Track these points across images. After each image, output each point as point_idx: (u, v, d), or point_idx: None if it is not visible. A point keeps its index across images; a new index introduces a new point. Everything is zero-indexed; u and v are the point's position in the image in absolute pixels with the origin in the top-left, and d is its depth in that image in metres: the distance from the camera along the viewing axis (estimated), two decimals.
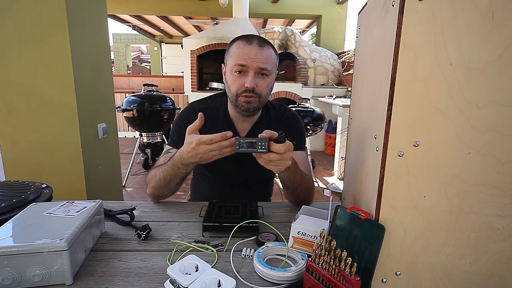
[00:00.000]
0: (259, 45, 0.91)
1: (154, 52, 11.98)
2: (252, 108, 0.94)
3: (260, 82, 0.92)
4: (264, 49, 0.91)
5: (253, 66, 0.89)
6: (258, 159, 0.73)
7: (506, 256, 0.53)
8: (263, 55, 0.90)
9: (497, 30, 0.46)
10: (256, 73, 0.91)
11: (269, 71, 0.92)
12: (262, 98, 0.94)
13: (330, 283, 0.54)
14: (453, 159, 0.50)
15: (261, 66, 0.90)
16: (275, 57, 0.95)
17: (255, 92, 0.91)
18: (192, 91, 5.25)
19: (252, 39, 0.92)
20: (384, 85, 0.52)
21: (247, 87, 0.90)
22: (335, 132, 4.16)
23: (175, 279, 0.57)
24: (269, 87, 0.95)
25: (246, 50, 0.90)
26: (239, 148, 0.70)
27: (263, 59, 0.90)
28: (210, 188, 1.12)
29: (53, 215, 0.68)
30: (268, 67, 0.91)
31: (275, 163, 0.72)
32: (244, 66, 0.90)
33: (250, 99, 0.92)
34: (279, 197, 2.86)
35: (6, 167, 1.49)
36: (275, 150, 0.70)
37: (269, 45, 0.94)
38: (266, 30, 5.60)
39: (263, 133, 0.71)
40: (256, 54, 0.89)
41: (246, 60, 0.89)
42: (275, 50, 0.96)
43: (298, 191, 0.91)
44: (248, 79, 0.90)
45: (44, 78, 1.40)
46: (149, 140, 3.36)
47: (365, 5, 0.69)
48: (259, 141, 0.69)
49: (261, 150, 0.69)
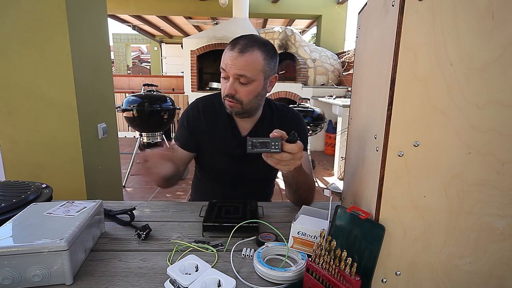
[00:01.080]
0: (240, 50, 0.86)
1: (154, 52, 11.98)
2: (235, 113, 0.94)
3: (241, 89, 0.89)
4: (245, 55, 0.86)
5: (231, 72, 0.88)
6: (267, 159, 0.71)
7: (506, 256, 0.53)
8: (242, 61, 0.86)
9: (497, 30, 0.46)
10: (236, 79, 0.88)
11: (249, 78, 0.87)
12: (245, 104, 0.92)
13: (330, 283, 0.54)
14: (453, 159, 0.50)
15: (238, 73, 0.86)
16: (261, 63, 0.88)
17: (235, 98, 0.90)
18: (192, 91, 5.25)
19: (236, 43, 0.88)
20: (384, 85, 0.52)
21: (225, 92, 0.90)
22: (335, 132, 4.16)
23: (175, 279, 0.57)
24: (252, 94, 0.91)
25: (227, 55, 0.88)
26: (252, 148, 0.68)
27: (241, 66, 0.86)
28: (210, 187, 1.12)
29: (53, 215, 0.68)
30: (247, 73, 0.87)
31: (286, 163, 0.70)
32: (224, 71, 0.89)
33: (231, 103, 0.92)
34: (279, 197, 2.86)
35: (6, 167, 1.49)
36: (288, 150, 0.68)
37: (255, 49, 0.87)
38: (266, 30, 5.60)
39: (274, 132, 0.69)
40: (234, 60, 0.86)
41: (226, 66, 0.88)
42: (268, 53, 0.90)
43: (300, 190, 0.91)
44: (227, 85, 0.89)
45: (44, 78, 1.40)
46: (149, 140, 3.36)
47: (365, 5, 0.69)
48: (272, 141, 0.67)
49: (275, 150, 0.68)
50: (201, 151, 1.07)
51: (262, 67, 0.90)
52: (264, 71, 0.91)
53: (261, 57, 0.89)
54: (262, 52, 0.89)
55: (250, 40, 0.89)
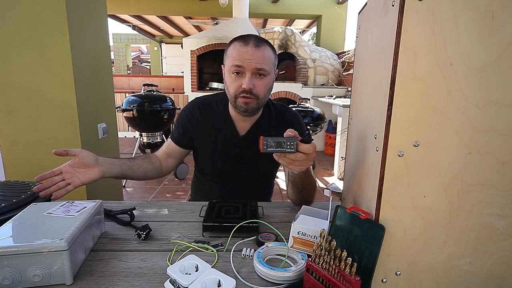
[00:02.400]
0: (256, 45, 0.90)
1: (154, 52, 11.98)
2: (251, 109, 0.94)
3: (258, 83, 0.91)
4: (261, 49, 0.90)
5: (249, 67, 0.89)
6: (279, 159, 0.69)
7: (506, 256, 0.53)
8: (260, 55, 0.89)
9: (497, 30, 0.46)
10: (253, 74, 0.90)
11: (267, 71, 0.91)
12: (261, 99, 0.94)
13: (330, 283, 0.54)
14: (453, 159, 0.50)
15: (257, 66, 0.89)
16: (273, 57, 0.94)
17: (253, 93, 0.91)
18: (192, 91, 5.24)
19: (248, 40, 0.91)
20: (384, 85, 0.52)
21: (244, 88, 0.90)
22: (335, 132, 4.16)
23: (175, 279, 0.57)
24: (267, 88, 0.94)
25: (243, 51, 0.89)
26: (266, 148, 0.66)
27: (260, 60, 0.89)
28: (210, 187, 1.12)
29: (53, 215, 0.68)
30: (265, 67, 0.90)
31: (300, 163, 0.69)
32: (241, 67, 0.90)
33: (248, 99, 0.92)
34: (279, 197, 2.86)
35: (6, 167, 1.49)
36: (303, 150, 0.67)
37: (266, 44, 0.93)
38: (266, 30, 5.60)
39: (288, 131, 0.68)
40: (252, 54, 0.89)
41: (243, 61, 0.89)
42: (274, 49, 0.96)
43: (305, 191, 0.92)
44: (245, 80, 0.90)
45: (44, 78, 1.40)
46: (149, 140, 3.36)
47: (365, 5, 0.69)
48: (288, 140, 0.66)
49: (290, 150, 0.66)
50: (199, 150, 1.08)
51: (274, 61, 0.95)
52: (275, 65, 0.96)
53: (271, 51, 0.94)
54: (271, 47, 0.94)
55: (257, 37, 0.94)
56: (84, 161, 0.84)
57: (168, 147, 1.09)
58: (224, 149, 1.03)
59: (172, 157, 1.09)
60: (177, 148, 1.07)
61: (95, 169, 0.86)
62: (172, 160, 1.09)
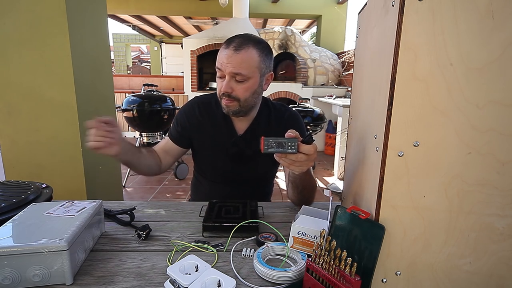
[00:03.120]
0: (235, 48, 0.87)
1: (154, 52, 11.98)
2: (232, 112, 0.94)
3: (237, 87, 0.90)
4: (240, 53, 0.87)
5: (226, 71, 0.88)
6: (280, 159, 0.69)
7: (506, 256, 0.53)
8: (237, 59, 0.86)
9: (497, 30, 0.46)
10: (232, 78, 0.89)
11: (244, 75, 0.88)
12: (243, 101, 0.92)
13: (330, 283, 0.54)
14: (453, 159, 0.50)
15: (234, 71, 0.87)
16: (256, 60, 0.89)
17: (232, 96, 0.91)
18: (192, 91, 5.25)
19: (231, 42, 0.89)
20: (384, 85, 0.52)
21: (222, 91, 0.90)
22: (335, 132, 4.16)
23: (175, 279, 0.57)
24: (249, 91, 0.91)
25: (222, 53, 0.89)
26: (267, 148, 0.66)
27: (237, 64, 0.87)
28: (209, 187, 1.12)
29: (53, 215, 0.68)
30: (243, 71, 0.87)
31: (301, 164, 0.69)
32: (220, 70, 0.90)
33: (228, 102, 0.92)
34: (279, 197, 2.86)
35: (6, 167, 1.49)
36: (304, 151, 0.67)
37: (250, 46, 0.88)
38: (266, 30, 5.60)
39: (289, 132, 0.67)
40: (229, 58, 0.87)
41: (221, 64, 0.89)
42: (263, 50, 0.91)
43: (305, 191, 0.92)
44: (223, 84, 0.90)
45: (44, 78, 1.40)
46: (149, 140, 3.36)
47: (365, 5, 0.69)
48: (289, 141, 0.66)
49: (291, 151, 0.66)
50: (198, 150, 1.08)
51: (258, 64, 0.90)
52: (260, 68, 0.91)
53: (256, 54, 0.89)
54: (257, 50, 0.90)
55: (244, 38, 0.90)
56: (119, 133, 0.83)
57: (166, 144, 1.08)
58: (223, 148, 1.03)
59: (169, 155, 1.08)
60: (174, 147, 1.07)
61: (115, 146, 0.82)
62: (169, 158, 1.08)
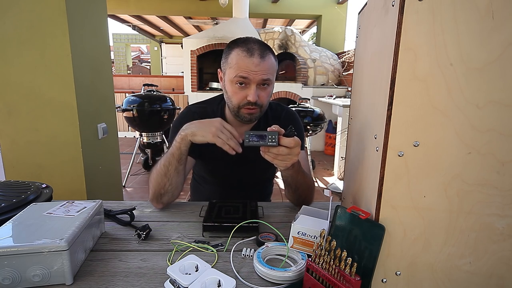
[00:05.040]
0: (261, 56, 0.86)
1: (154, 52, 11.98)
2: (254, 118, 0.94)
3: (262, 93, 0.90)
4: (266, 59, 0.87)
5: (255, 79, 0.86)
6: (264, 154, 0.72)
7: (506, 256, 0.53)
8: (265, 66, 0.87)
9: (497, 30, 0.46)
10: (258, 85, 0.88)
11: (271, 80, 0.90)
12: (263, 107, 0.93)
13: (330, 283, 0.54)
14: (453, 159, 0.50)
15: (264, 77, 0.87)
16: (275, 64, 0.92)
17: (257, 104, 0.90)
18: (192, 91, 5.25)
19: (252, 50, 0.87)
20: (384, 85, 0.52)
21: (250, 100, 0.88)
22: (335, 132, 4.16)
23: (175, 279, 0.57)
24: (269, 95, 0.94)
25: (247, 62, 0.86)
26: (248, 141, 0.69)
27: (266, 71, 0.87)
28: (209, 190, 1.11)
29: (53, 215, 0.68)
30: (270, 77, 0.89)
31: (283, 157, 0.71)
32: (246, 78, 0.86)
33: (253, 111, 0.91)
34: (279, 197, 2.85)
35: (6, 167, 1.49)
36: (285, 144, 0.69)
37: (269, 51, 0.90)
38: (266, 30, 5.60)
39: (272, 127, 0.71)
40: (258, 66, 0.86)
41: (248, 73, 0.86)
42: (274, 53, 0.93)
43: (299, 190, 0.91)
44: (250, 93, 0.87)
45: (44, 78, 1.40)
46: (149, 140, 3.36)
47: (365, 5, 0.69)
48: (269, 134, 0.69)
49: (271, 143, 0.69)
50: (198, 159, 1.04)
51: (276, 68, 0.93)
52: (276, 71, 0.94)
53: (273, 58, 0.92)
54: (272, 54, 0.92)
55: (261, 43, 0.90)
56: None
57: None
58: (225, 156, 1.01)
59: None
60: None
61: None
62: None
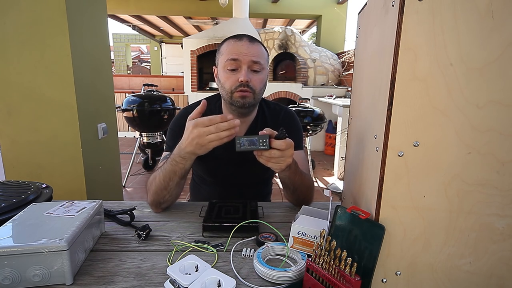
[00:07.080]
0: (250, 40, 0.92)
1: (154, 52, 11.98)
2: (248, 104, 0.92)
3: (254, 77, 0.91)
4: (255, 45, 0.92)
5: (245, 60, 0.89)
6: (259, 158, 0.73)
7: (506, 256, 0.53)
8: (255, 49, 0.91)
9: (497, 30, 0.46)
10: (249, 68, 0.90)
11: (262, 65, 0.92)
12: (257, 94, 0.93)
13: (330, 283, 0.54)
14: (453, 159, 0.50)
15: (253, 59, 0.90)
16: (265, 54, 0.96)
17: (249, 87, 0.90)
18: (192, 91, 5.25)
19: (241, 36, 0.93)
20: (384, 85, 0.52)
21: (241, 81, 0.89)
22: (335, 132, 4.16)
23: (175, 279, 0.57)
24: (262, 83, 0.94)
25: (237, 45, 0.91)
26: (240, 146, 0.70)
27: (255, 53, 0.90)
28: (209, 191, 1.11)
29: (53, 215, 0.68)
30: (261, 61, 0.91)
31: (276, 160, 0.72)
32: (237, 60, 0.89)
33: (245, 93, 0.90)
34: (279, 197, 2.85)
35: (6, 167, 1.49)
36: (276, 147, 0.70)
37: (259, 42, 0.95)
38: (266, 30, 5.60)
39: (264, 130, 0.72)
40: (247, 48, 0.90)
41: (238, 55, 0.89)
42: (265, 47, 0.98)
43: (298, 191, 0.91)
44: (241, 73, 0.89)
45: (44, 78, 1.40)
46: (149, 140, 3.36)
47: (365, 5, 0.69)
48: (260, 138, 0.70)
49: (263, 147, 0.70)
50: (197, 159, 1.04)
51: (267, 58, 0.97)
52: (267, 62, 0.98)
53: (264, 49, 0.96)
54: (263, 46, 0.97)
55: (251, 36, 0.96)
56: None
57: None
58: (223, 155, 1.01)
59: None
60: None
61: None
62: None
